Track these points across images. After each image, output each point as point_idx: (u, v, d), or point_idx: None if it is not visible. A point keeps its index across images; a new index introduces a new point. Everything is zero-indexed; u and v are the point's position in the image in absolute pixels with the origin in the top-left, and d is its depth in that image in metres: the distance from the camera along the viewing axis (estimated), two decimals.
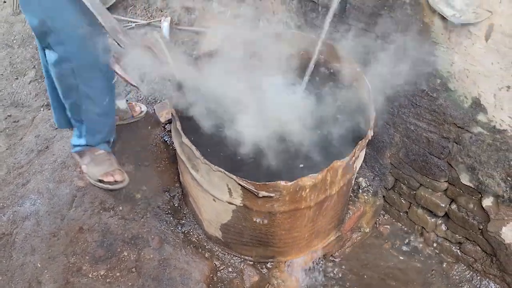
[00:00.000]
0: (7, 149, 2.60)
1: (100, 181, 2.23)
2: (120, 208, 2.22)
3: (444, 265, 2.43)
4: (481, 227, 2.14)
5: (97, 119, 2.15)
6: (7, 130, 2.77)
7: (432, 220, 2.39)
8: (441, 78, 1.89)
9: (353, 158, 1.76)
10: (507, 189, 1.92)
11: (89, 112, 2.10)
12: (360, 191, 2.43)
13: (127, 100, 2.69)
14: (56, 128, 2.58)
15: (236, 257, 2.16)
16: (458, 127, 1.95)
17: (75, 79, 1.96)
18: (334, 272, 2.42)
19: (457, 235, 2.33)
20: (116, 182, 2.23)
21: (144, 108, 2.69)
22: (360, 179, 2.45)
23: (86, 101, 2.05)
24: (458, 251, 2.38)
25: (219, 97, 2.06)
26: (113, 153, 2.34)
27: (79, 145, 2.27)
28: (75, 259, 2.02)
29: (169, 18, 3.34)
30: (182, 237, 2.20)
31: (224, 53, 2.14)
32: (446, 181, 2.19)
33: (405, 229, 2.60)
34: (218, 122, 2.00)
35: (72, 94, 2.04)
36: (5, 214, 2.19)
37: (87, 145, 2.24)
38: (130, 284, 1.96)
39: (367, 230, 2.55)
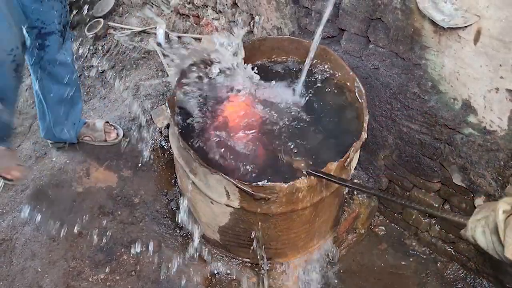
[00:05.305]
0: None
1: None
2: (119, 212, 2.25)
3: (439, 265, 2.47)
4: None
5: None
6: None
7: (426, 220, 2.42)
8: (432, 81, 1.93)
9: (348, 159, 1.79)
10: (498, 188, 1.96)
11: None
12: (355, 192, 2.46)
13: (107, 122, 2.67)
14: None
15: (234, 259, 2.19)
16: (450, 128, 1.99)
17: None
18: (330, 273, 2.45)
19: (450, 235, 2.36)
20: (10, 180, 2.23)
21: (121, 134, 2.67)
22: (355, 181, 2.49)
23: None
24: (452, 250, 2.41)
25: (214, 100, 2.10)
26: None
27: None
28: (75, 263, 2.04)
29: (164, 25, 3.37)
30: (181, 240, 2.23)
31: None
32: (439, 182, 2.23)
33: (400, 230, 2.63)
34: (214, 125, 2.03)
35: None
36: (4, 220, 2.21)
37: None
38: (130, 287, 1.99)
39: (362, 231, 2.58)
